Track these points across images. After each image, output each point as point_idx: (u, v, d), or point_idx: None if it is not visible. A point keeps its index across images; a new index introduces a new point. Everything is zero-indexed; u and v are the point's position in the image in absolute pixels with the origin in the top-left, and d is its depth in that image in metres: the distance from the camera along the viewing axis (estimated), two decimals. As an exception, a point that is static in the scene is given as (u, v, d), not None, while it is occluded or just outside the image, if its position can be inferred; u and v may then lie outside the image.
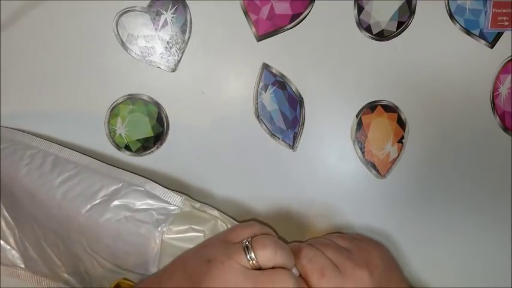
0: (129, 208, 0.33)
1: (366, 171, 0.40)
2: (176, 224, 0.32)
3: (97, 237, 0.32)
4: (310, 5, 0.37)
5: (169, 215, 0.33)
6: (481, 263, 0.41)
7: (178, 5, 0.36)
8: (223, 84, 0.37)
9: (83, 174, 0.34)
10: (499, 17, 0.39)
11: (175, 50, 0.37)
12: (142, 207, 0.33)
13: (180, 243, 0.31)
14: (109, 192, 0.33)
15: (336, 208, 0.40)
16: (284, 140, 0.38)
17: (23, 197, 0.34)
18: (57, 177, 0.33)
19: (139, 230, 0.32)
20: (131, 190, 0.34)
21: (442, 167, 0.40)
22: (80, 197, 0.33)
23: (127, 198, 0.33)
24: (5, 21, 0.35)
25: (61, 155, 0.35)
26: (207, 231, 0.32)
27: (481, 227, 0.41)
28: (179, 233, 0.32)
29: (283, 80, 0.38)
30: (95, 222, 0.32)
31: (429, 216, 0.40)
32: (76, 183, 0.33)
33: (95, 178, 0.34)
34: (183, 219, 0.32)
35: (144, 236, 0.32)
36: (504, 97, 0.40)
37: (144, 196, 0.33)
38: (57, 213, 0.33)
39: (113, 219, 0.32)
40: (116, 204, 0.33)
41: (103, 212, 0.32)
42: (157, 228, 0.32)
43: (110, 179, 0.34)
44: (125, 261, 0.33)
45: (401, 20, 0.38)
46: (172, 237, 0.32)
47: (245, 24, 0.37)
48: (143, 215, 0.32)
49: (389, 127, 0.39)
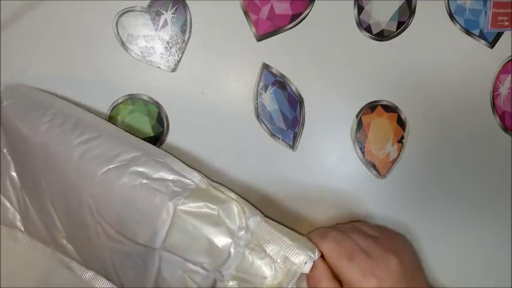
0: (146, 176, 0.32)
1: (366, 171, 0.40)
2: (191, 199, 0.31)
3: (108, 201, 0.31)
4: (310, 5, 0.37)
5: (185, 189, 0.32)
6: (481, 263, 0.41)
7: (178, 5, 0.36)
8: (223, 84, 0.37)
9: (103, 138, 0.33)
10: (499, 17, 0.39)
11: (175, 50, 0.37)
12: (159, 177, 0.32)
13: (193, 218, 0.31)
14: (128, 158, 0.32)
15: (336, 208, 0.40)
16: (284, 140, 0.38)
17: (38, 154, 0.33)
18: (77, 138, 0.32)
19: (154, 199, 0.31)
20: (150, 159, 0.32)
21: (442, 167, 0.40)
22: (97, 159, 0.32)
23: (145, 166, 0.32)
24: (5, 21, 0.35)
25: (84, 118, 0.34)
26: (222, 212, 0.31)
27: (481, 227, 0.41)
28: (193, 208, 0.31)
29: (283, 80, 0.38)
30: (109, 185, 0.31)
31: (429, 216, 0.40)
32: (95, 145, 0.32)
33: (115, 143, 0.33)
34: (199, 196, 0.32)
35: (157, 206, 0.31)
36: (504, 97, 0.40)
37: (163, 167, 0.32)
38: (72, 173, 0.32)
39: (128, 185, 0.31)
40: (133, 170, 0.32)
41: (119, 176, 0.31)
42: (172, 200, 0.31)
43: (130, 146, 0.33)
44: (132, 231, 0.32)
45: (401, 20, 0.38)
46: (186, 210, 0.31)
47: (245, 24, 0.37)
48: (159, 184, 0.31)
49: (389, 127, 0.39)
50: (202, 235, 0.31)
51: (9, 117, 0.34)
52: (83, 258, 0.35)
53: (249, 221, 0.32)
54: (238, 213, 0.32)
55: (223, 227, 0.31)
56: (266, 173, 0.39)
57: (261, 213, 0.33)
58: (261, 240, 0.31)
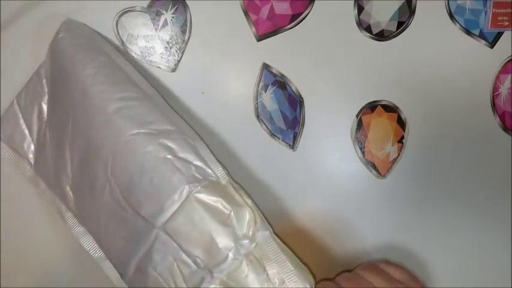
0: (172, 152, 0.31)
1: (366, 171, 0.40)
2: (209, 190, 0.30)
3: (126, 164, 0.31)
4: (310, 5, 0.37)
5: (206, 178, 0.31)
6: (481, 263, 0.41)
7: (178, 5, 0.36)
8: (223, 84, 0.37)
9: (143, 102, 0.32)
10: (499, 17, 0.39)
11: (175, 50, 0.37)
12: (184, 157, 0.31)
13: (203, 209, 0.30)
14: (160, 129, 0.31)
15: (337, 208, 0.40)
16: (284, 140, 0.38)
17: (75, 94, 0.32)
18: (118, 92, 0.32)
19: (172, 176, 0.30)
20: (181, 138, 0.32)
21: (442, 167, 0.40)
22: (131, 119, 0.31)
23: (175, 142, 0.31)
24: (5, 21, 0.35)
25: (131, 76, 0.34)
26: (234, 213, 0.30)
27: (481, 227, 0.41)
28: (207, 199, 0.30)
29: (283, 80, 0.38)
30: (134, 148, 0.30)
31: (429, 216, 0.40)
32: (134, 105, 0.32)
33: (153, 110, 0.32)
34: (216, 190, 0.31)
35: (173, 184, 0.30)
36: (504, 97, 0.40)
37: (191, 149, 0.32)
38: (102, 124, 0.31)
39: (152, 154, 0.30)
40: (162, 142, 0.31)
41: (146, 143, 0.31)
42: (189, 184, 0.30)
43: (167, 118, 0.33)
44: (138, 201, 0.31)
45: (401, 20, 0.38)
46: (200, 199, 0.30)
47: (245, 24, 0.37)
48: (183, 164, 0.31)
49: (389, 127, 0.39)
50: (206, 229, 0.30)
51: (61, 51, 0.33)
52: (80, 212, 0.34)
53: (257, 232, 0.31)
54: (249, 221, 0.31)
55: (230, 229, 0.31)
56: (266, 173, 0.39)
57: (271, 230, 0.32)
58: (263, 256, 0.31)
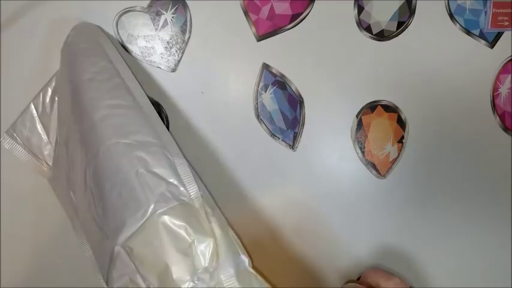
0: (146, 166, 0.29)
1: (366, 171, 0.40)
2: (175, 213, 0.28)
3: (102, 174, 0.30)
4: (310, 5, 0.37)
5: (176, 199, 0.29)
6: (481, 263, 0.41)
7: (178, 5, 0.36)
8: (223, 84, 0.37)
9: (132, 111, 0.32)
10: (499, 17, 0.39)
11: (175, 50, 0.37)
12: (159, 173, 0.29)
13: (164, 233, 0.28)
14: (141, 140, 0.30)
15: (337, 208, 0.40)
16: (284, 140, 0.38)
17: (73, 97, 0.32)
18: (109, 99, 0.31)
19: (140, 193, 0.29)
20: (161, 152, 0.31)
21: (442, 167, 0.40)
22: (114, 127, 0.30)
23: (152, 156, 0.30)
24: (5, 21, 0.35)
25: (127, 83, 0.33)
26: (196, 243, 0.28)
27: (481, 227, 0.41)
28: (171, 223, 0.28)
29: (283, 80, 0.38)
30: (111, 158, 0.30)
31: (429, 215, 0.40)
32: (120, 114, 0.31)
33: (139, 120, 0.31)
34: (184, 213, 0.29)
35: (139, 202, 0.28)
36: (504, 97, 0.40)
37: (167, 165, 0.30)
38: (88, 130, 0.31)
39: (125, 167, 0.29)
40: (138, 154, 0.30)
41: (123, 154, 0.29)
42: (156, 202, 0.28)
43: (151, 130, 0.31)
44: (106, 214, 0.29)
45: (401, 20, 0.38)
46: (163, 221, 0.28)
47: (245, 24, 0.37)
48: (154, 181, 0.29)
49: (389, 127, 0.39)
50: (163, 255, 0.28)
51: (67, 55, 0.34)
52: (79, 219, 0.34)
53: (219, 269, 0.28)
54: (212, 254, 0.28)
55: (189, 259, 0.28)
56: (266, 173, 0.39)
57: (246, 263, 0.30)
58: None
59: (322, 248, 0.40)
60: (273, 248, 0.39)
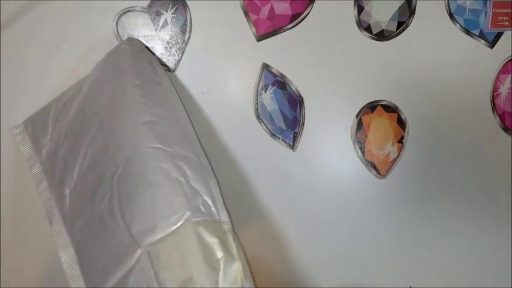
0: (185, 176, 0.30)
1: (366, 171, 0.40)
2: (208, 227, 0.29)
3: (136, 173, 0.30)
4: (310, 5, 0.37)
5: (209, 215, 0.30)
6: (481, 263, 0.41)
7: (178, 5, 0.36)
8: (223, 84, 0.37)
9: (176, 126, 0.32)
10: (499, 17, 0.39)
11: (175, 50, 0.37)
12: (196, 187, 0.30)
13: (197, 241, 0.28)
14: (182, 153, 0.31)
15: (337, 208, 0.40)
16: (284, 140, 0.38)
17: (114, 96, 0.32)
18: (155, 109, 0.31)
19: (176, 198, 0.29)
20: (199, 169, 0.31)
21: (442, 166, 0.40)
22: (158, 134, 0.30)
23: (191, 169, 0.30)
24: (5, 21, 0.35)
25: (173, 103, 0.33)
26: (224, 261, 0.28)
27: (481, 226, 0.41)
28: (204, 234, 0.29)
29: (283, 80, 0.38)
30: (149, 160, 0.30)
31: (429, 215, 0.40)
32: (165, 124, 0.31)
33: (181, 136, 0.32)
34: (216, 231, 0.29)
35: (174, 207, 0.29)
36: (504, 97, 0.40)
37: (204, 183, 0.31)
38: (127, 129, 0.31)
39: (165, 171, 0.29)
40: (180, 164, 0.30)
41: (163, 159, 0.30)
42: (191, 211, 0.29)
43: (192, 147, 0.32)
44: (132, 215, 0.29)
45: (401, 20, 0.38)
46: (197, 230, 0.28)
47: (245, 24, 0.37)
48: (192, 192, 0.30)
49: (389, 127, 0.39)
50: (191, 263, 0.28)
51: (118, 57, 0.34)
52: (70, 219, 0.33)
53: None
54: (236, 274, 0.29)
55: (215, 274, 0.28)
56: (266, 173, 0.39)
57: None
58: None
59: (322, 248, 0.40)
60: (273, 247, 0.39)
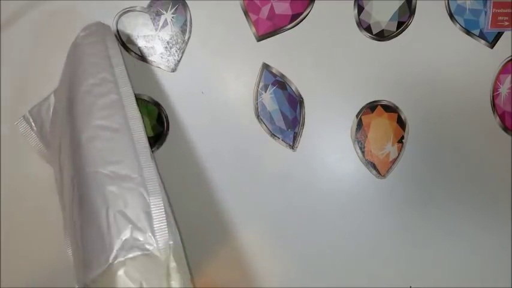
0: (117, 205, 0.28)
1: (366, 171, 0.40)
2: (135, 263, 0.27)
3: (82, 199, 0.29)
4: (310, 5, 0.37)
5: (141, 247, 0.27)
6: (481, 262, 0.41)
7: (178, 5, 0.36)
8: (223, 85, 0.37)
9: (120, 135, 0.30)
10: (499, 17, 0.39)
11: (175, 50, 0.37)
12: (129, 215, 0.28)
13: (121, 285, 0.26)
14: (120, 173, 0.29)
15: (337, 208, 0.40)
16: (284, 140, 0.38)
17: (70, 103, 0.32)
18: (99, 119, 0.30)
19: (105, 236, 0.27)
20: (136, 190, 0.29)
21: (442, 167, 0.40)
22: (98, 152, 0.29)
23: (126, 193, 0.28)
24: (5, 21, 0.35)
25: (124, 102, 0.32)
26: None
27: (481, 226, 0.41)
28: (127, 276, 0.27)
29: (283, 80, 0.38)
30: (88, 187, 0.29)
31: (429, 215, 0.40)
32: (107, 138, 0.30)
33: (125, 148, 0.30)
34: (144, 267, 0.27)
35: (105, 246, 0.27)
36: (504, 97, 0.40)
37: (140, 207, 0.29)
38: (75, 146, 0.30)
39: (98, 201, 0.28)
40: (112, 190, 0.28)
41: (98, 188, 0.28)
42: (119, 250, 0.27)
43: (134, 161, 0.30)
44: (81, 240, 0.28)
45: (401, 20, 0.38)
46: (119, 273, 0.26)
47: (245, 24, 0.37)
48: (123, 223, 0.28)
49: (389, 127, 0.39)
50: None
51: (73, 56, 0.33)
52: None
53: None
54: None
55: None
56: (266, 173, 0.39)
57: None
58: None
59: (322, 248, 0.40)
60: (273, 247, 0.39)
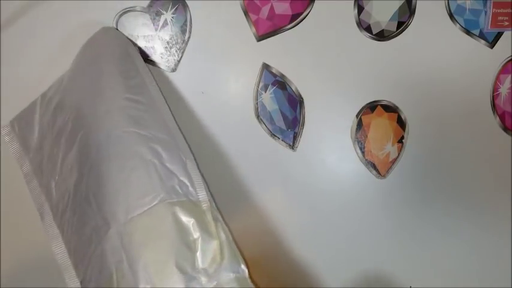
0: (160, 158, 0.30)
1: (366, 171, 0.40)
2: (185, 207, 0.28)
3: (110, 157, 0.30)
4: (310, 5, 0.37)
5: (186, 195, 0.29)
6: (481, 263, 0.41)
7: (178, 5, 0.36)
8: (223, 84, 0.37)
9: (150, 109, 0.32)
10: (499, 17, 0.39)
11: (175, 50, 0.37)
12: (171, 168, 0.30)
13: (172, 222, 0.28)
14: (156, 136, 0.31)
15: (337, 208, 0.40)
16: (284, 140, 0.38)
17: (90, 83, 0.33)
18: (129, 93, 0.32)
19: (151, 180, 0.29)
20: (175, 150, 0.31)
21: (442, 166, 0.40)
22: (132, 118, 0.31)
23: (166, 151, 0.30)
24: (5, 21, 0.35)
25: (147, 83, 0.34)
26: (201, 241, 0.28)
27: (481, 226, 0.41)
28: (180, 214, 0.28)
29: (283, 80, 0.38)
30: (123, 144, 0.30)
31: (429, 215, 0.40)
32: (139, 108, 0.32)
33: (156, 119, 0.32)
34: (192, 210, 0.29)
35: (148, 188, 0.29)
36: (504, 97, 0.40)
37: (180, 164, 0.31)
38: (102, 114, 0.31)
39: (138, 154, 0.30)
40: (153, 146, 0.30)
41: (138, 142, 0.30)
42: (166, 193, 0.28)
43: (167, 129, 0.32)
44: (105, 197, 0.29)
45: (401, 20, 0.38)
46: (172, 210, 0.28)
47: (245, 24, 0.37)
48: (166, 173, 0.29)
49: (389, 127, 0.39)
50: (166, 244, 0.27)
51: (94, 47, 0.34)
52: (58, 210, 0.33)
53: (220, 272, 0.28)
54: (214, 256, 0.28)
55: (190, 254, 0.27)
56: (266, 173, 0.39)
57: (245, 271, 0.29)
58: None
59: (322, 248, 0.40)
60: (273, 247, 0.39)
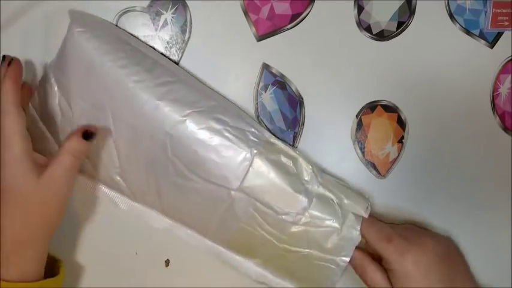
0: (227, 124, 0.33)
1: (366, 171, 0.40)
2: (267, 149, 0.34)
3: (187, 142, 0.33)
4: (310, 5, 0.37)
5: (261, 140, 0.35)
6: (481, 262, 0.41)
7: (178, 5, 0.36)
8: (223, 85, 0.37)
9: (181, 84, 0.34)
10: (499, 17, 0.39)
11: (175, 50, 0.37)
12: (238, 126, 0.34)
13: (270, 165, 0.33)
14: (207, 105, 0.34)
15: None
16: (284, 140, 0.38)
17: (109, 85, 0.32)
18: (156, 79, 0.32)
19: (235, 145, 0.33)
20: (227, 110, 0.34)
21: (442, 167, 0.40)
22: (178, 101, 0.32)
23: (225, 115, 0.34)
24: (5, 21, 0.35)
25: (159, 61, 0.35)
26: (293, 165, 0.35)
27: (481, 227, 0.41)
28: (270, 156, 0.34)
29: (283, 80, 0.38)
30: (191, 128, 0.32)
31: (429, 216, 0.40)
32: (174, 89, 0.33)
33: (192, 90, 0.34)
34: (273, 148, 0.35)
35: (238, 152, 0.33)
36: (504, 97, 0.40)
37: (239, 119, 0.34)
38: (151, 111, 0.32)
39: (210, 129, 0.33)
40: (216, 116, 0.33)
41: (201, 120, 0.32)
42: (251, 147, 0.33)
43: (206, 95, 0.35)
44: (208, 171, 0.33)
45: (401, 20, 0.38)
46: (264, 157, 0.34)
47: (245, 24, 0.37)
48: (239, 132, 0.33)
49: (389, 127, 0.39)
50: (276, 181, 0.34)
51: (81, 45, 0.32)
52: (134, 193, 0.36)
53: (318, 174, 0.36)
54: (306, 168, 0.36)
55: (294, 177, 0.35)
56: (266, 173, 0.38)
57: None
58: (327, 191, 0.36)
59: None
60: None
